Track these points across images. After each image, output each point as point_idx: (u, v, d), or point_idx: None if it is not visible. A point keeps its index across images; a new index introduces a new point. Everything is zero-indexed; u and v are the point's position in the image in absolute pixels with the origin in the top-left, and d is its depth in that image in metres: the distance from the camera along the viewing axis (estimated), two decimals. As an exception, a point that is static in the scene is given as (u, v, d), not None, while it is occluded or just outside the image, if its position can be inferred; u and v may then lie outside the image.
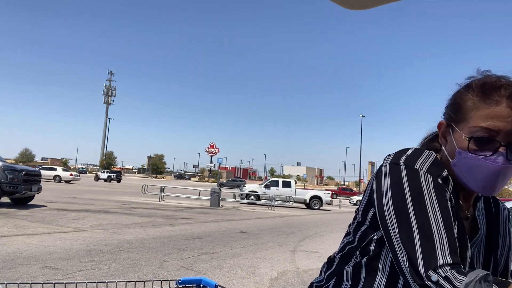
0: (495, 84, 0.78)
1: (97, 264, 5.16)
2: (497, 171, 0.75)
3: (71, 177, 33.49)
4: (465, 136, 0.78)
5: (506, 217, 0.94)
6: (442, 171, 0.80)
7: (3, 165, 10.67)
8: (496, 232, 0.91)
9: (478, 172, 0.77)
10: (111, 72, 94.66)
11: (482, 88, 0.79)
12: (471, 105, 0.79)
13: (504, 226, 0.93)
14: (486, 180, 0.77)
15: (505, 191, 46.36)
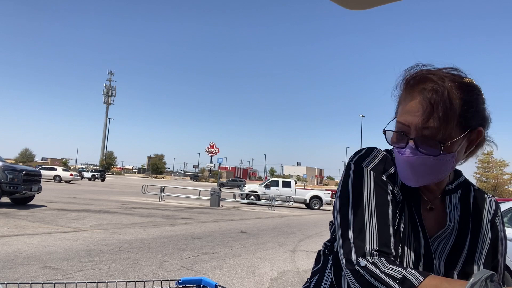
0: (413, 79, 0.79)
1: (97, 264, 5.16)
2: (405, 162, 0.78)
3: (71, 177, 33.49)
4: (384, 129, 0.83)
5: (491, 214, 0.89)
6: (389, 167, 0.85)
7: (3, 165, 10.68)
8: (469, 227, 0.87)
9: (398, 164, 0.82)
10: (111, 72, 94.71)
11: (405, 83, 0.82)
12: (399, 100, 0.83)
13: (487, 223, 0.89)
14: (403, 171, 0.81)
15: (505, 191, 46.41)
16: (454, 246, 0.85)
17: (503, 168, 47.95)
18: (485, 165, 49.33)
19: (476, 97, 0.78)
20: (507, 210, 4.93)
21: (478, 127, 0.79)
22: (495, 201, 0.93)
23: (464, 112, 0.76)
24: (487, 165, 49.14)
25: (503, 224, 0.92)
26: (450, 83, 0.76)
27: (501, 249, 0.90)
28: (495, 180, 47.41)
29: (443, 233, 0.86)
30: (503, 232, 0.91)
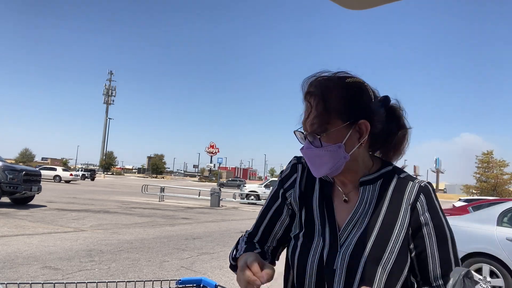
0: (304, 85, 0.93)
1: (97, 264, 5.16)
2: (305, 156, 0.92)
3: (71, 177, 33.49)
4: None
5: (411, 199, 0.89)
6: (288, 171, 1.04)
7: (3, 165, 10.68)
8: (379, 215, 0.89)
9: (305, 158, 0.94)
10: (111, 72, 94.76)
11: (301, 85, 0.94)
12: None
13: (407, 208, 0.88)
14: (309, 164, 0.93)
15: (505, 191, 46.40)
16: (364, 232, 0.88)
17: (503, 168, 47.92)
18: (485, 165, 49.30)
19: (357, 94, 0.90)
20: (507, 210, 4.93)
21: (361, 119, 0.88)
22: (424, 185, 0.91)
23: (343, 107, 0.88)
24: (487, 165, 49.10)
25: (430, 209, 0.89)
26: (330, 84, 0.90)
27: (427, 233, 0.87)
28: (495, 180, 47.37)
29: (349, 223, 0.91)
30: (428, 217, 0.88)
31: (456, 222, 5.34)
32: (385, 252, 0.85)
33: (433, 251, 0.87)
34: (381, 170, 0.94)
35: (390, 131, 0.95)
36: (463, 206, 11.51)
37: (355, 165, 0.92)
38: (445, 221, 0.90)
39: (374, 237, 0.87)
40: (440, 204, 0.92)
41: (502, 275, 4.53)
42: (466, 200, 20.76)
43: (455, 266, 0.87)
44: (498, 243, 4.61)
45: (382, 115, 0.92)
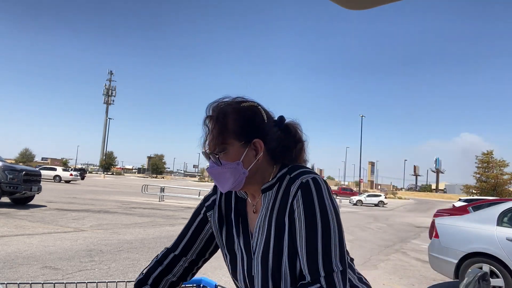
0: (206, 111, 1.03)
1: (97, 264, 5.17)
2: (210, 175, 1.02)
3: (71, 177, 33.47)
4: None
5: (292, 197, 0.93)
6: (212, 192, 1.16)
7: (3, 165, 10.67)
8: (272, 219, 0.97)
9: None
10: (111, 72, 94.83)
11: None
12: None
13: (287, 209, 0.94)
14: (215, 181, 1.02)
15: (505, 191, 46.38)
16: (266, 238, 0.97)
17: (503, 168, 47.93)
18: (485, 165, 49.30)
19: (251, 116, 1.00)
20: (507, 210, 4.93)
21: (255, 139, 0.98)
22: (305, 181, 0.92)
23: (239, 129, 0.98)
24: (487, 165, 49.10)
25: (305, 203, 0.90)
26: (228, 108, 1.00)
27: (298, 227, 0.90)
28: (495, 180, 47.37)
29: (256, 231, 1.01)
30: (302, 211, 0.90)
31: (456, 222, 5.35)
32: (283, 252, 0.94)
33: (302, 244, 0.89)
34: (278, 174, 1.01)
35: (288, 146, 1.05)
36: (463, 206, 11.50)
37: (257, 178, 1.01)
38: (319, 214, 0.89)
39: (272, 242, 0.95)
40: (321, 197, 0.91)
41: (502, 275, 4.53)
42: (466, 200, 20.75)
43: (324, 262, 0.86)
44: (498, 243, 4.61)
45: (276, 133, 1.03)
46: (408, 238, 11.85)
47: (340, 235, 0.90)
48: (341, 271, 0.87)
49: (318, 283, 0.85)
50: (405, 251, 8.97)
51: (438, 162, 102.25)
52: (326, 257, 0.87)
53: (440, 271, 5.24)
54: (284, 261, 0.93)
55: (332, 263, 0.86)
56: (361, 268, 6.50)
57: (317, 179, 0.93)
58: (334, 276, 0.86)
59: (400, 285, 5.57)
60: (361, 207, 34.74)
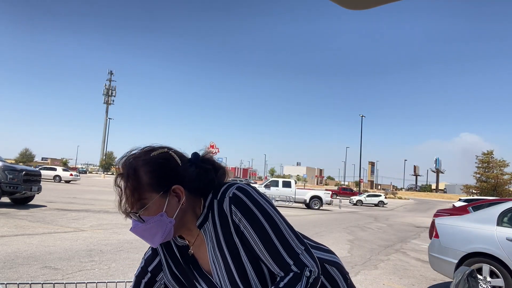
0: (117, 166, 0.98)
1: (97, 264, 5.16)
2: (135, 234, 0.96)
3: (71, 177, 33.46)
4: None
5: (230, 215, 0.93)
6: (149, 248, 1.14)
7: (3, 165, 10.67)
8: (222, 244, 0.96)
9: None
10: (111, 72, 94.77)
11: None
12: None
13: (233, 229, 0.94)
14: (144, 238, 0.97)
15: (505, 191, 46.38)
16: (227, 272, 0.95)
17: (503, 168, 47.94)
18: (485, 165, 49.30)
19: (164, 164, 0.95)
20: (507, 210, 4.93)
21: (173, 185, 0.94)
22: (232, 195, 0.93)
23: (154, 180, 0.92)
24: (487, 165, 49.11)
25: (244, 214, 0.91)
26: (138, 162, 0.94)
27: (250, 237, 0.91)
28: (495, 180, 47.37)
29: (212, 266, 0.98)
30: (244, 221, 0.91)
31: (456, 222, 5.34)
32: (246, 269, 0.94)
33: (262, 250, 0.91)
34: (206, 204, 0.98)
35: (211, 178, 1.00)
36: (463, 206, 11.49)
37: (187, 219, 0.98)
38: (260, 215, 0.91)
39: (231, 263, 0.94)
40: (253, 200, 0.93)
41: (502, 275, 4.53)
42: (466, 200, 20.73)
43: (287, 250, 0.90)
44: (498, 243, 4.61)
45: (193, 172, 0.98)
46: (408, 238, 11.85)
47: (286, 222, 0.94)
48: (304, 249, 0.92)
49: (291, 272, 0.89)
50: (405, 251, 8.97)
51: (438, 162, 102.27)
52: (287, 247, 0.91)
53: (440, 271, 5.24)
54: (251, 276, 0.94)
55: (294, 248, 0.91)
56: (361, 268, 6.51)
57: (241, 186, 0.96)
58: (301, 257, 0.90)
59: (400, 285, 5.57)
60: (361, 207, 34.73)
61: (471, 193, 48.41)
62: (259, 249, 0.91)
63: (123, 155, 0.98)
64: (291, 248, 0.91)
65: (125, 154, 0.98)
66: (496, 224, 4.79)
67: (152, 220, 0.93)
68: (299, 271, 0.89)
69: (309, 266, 0.90)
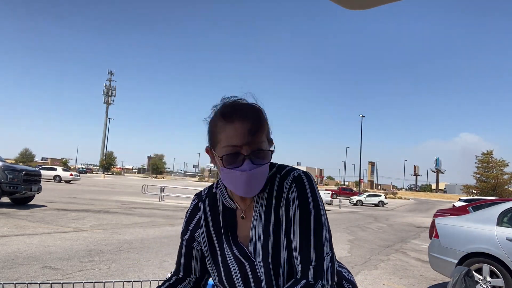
0: (229, 107, 0.97)
1: (97, 264, 5.16)
2: (247, 177, 0.93)
3: (71, 177, 33.46)
4: (219, 156, 0.96)
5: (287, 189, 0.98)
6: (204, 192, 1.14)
7: (3, 165, 10.67)
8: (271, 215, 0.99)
9: (236, 181, 0.95)
10: (111, 72, 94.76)
11: (222, 113, 0.97)
12: (219, 129, 0.97)
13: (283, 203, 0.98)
14: (243, 186, 0.94)
15: (505, 191, 46.39)
16: (264, 238, 0.98)
17: (503, 168, 47.95)
18: (485, 165, 49.31)
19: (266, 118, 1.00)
20: (507, 210, 4.93)
21: (271, 140, 1.01)
22: (297, 175, 0.99)
23: (267, 128, 0.98)
24: (487, 165, 49.11)
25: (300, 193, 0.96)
26: (256, 107, 0.98)
27: (293, 219, 0.95)
28: (495, 180, 47.38)
29: (252, 234, 1.00)
30: (296, 202, 0.96)
31: (456, 222, 5.34)
32: (281, 247, 0.96)
33: (295, 233, 0.95)
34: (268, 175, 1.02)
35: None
36: (463, 206, 11.50)
37: None
38: (312, 204, 0.96)
39: (271, 241, 0.97)
40: (312, 189, 0.98)
41: (502, 275, 4.53)
42: (466, 200, 20.76)
43: (316, 251, 0.92)
44: (498, 243, 4.61)
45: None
46: (408, 238, 11.85)
47: (328, 223, 0.97)
48: (331, 256, 0.94)
49: (304, 280, 0.90)
50: (405, 251, 8.97)
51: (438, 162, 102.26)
52: (318, 245, 0.93)
53: (440, 271, 5.24)
54: (283, 258, 0.96)
55: (323, 250, 0.93)
56: (361, 268, 6.51)
57: (307, 173, 1.01)
58: (324, 264, 0.92)
59: (400, 285, 5.57)
60: (361, 207, 34.73)
61: (471, 193, 48.42)
62: (294, 232, 0.95)
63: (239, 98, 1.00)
64: (321, 249, 0.93)
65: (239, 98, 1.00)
66: (496, 224, 4.79)
67: (266, 165, 0.96)
68: (312, 282, 0.90)
69: (324, 279, 0.90)
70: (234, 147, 0.93)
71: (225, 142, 0.95)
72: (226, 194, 1.07)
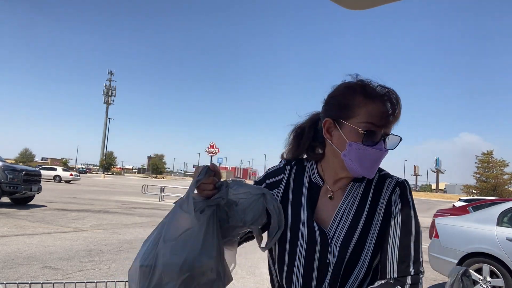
0: (374, 87, 0.97)
1: (97, 264, 5.16)
2: (378, 156, 0.95)
3: (71, 177, 33.46)
4: (361, 130, 0.93)
5: (388, 193, 0.99)
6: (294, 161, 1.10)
7: (3, 165, 10.67)
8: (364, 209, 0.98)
9: (367, 159, 0.94)
10: (111, 72, 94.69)
11: (365, 90, 0.96)
12: (358, 104, 0.95)
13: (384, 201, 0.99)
14: (371, 164, 0.95)
15: (505, 191, 46.39)
16: (350, 227, 0.96)
17: (503, 168, 47.96)
18: (485, 165, 49.32)
19: None
20: (507, 210, 4.93)
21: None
22: (401, 181, 1.01)
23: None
24: (487, 165, 49.12)
25: (402, 200, 0.98)
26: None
27: (394, 223, 0.96)
28: (495, 180, 47.38)
29: (335, 218, 0.98)
30: (399, 207, 0.97)
31: (456, 222, 5.34)
32: (366, 243, 0.95)
33: (395, 243, 0.94)
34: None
35: None
36: (463, 206, 11.50)
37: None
38: (413, 216, 0.97)
39: (358, 231, 0.95)
40: (413, 200, 0.99)
41: (502, 275, 4.53)
42: (466, 200, 20.76)
43: (414, 262, 0.92)
44: (498, 243, 4.61)
45: None
46: (408, 238, 11.83)
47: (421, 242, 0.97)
48: (422, 273, 0.93)
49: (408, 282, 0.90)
50: (405, 251, 8.96)
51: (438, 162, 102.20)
52: (416, 259, 0.92)
53: (440, 271, 5.24)
54: (366, 252, 0.94)
55: (420, 264, 0.93)
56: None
57: (409, 183, 1.02)
58: (420, 277, 0.92)
59: (400, 285, 5.56)
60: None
61: (471, 193, 48.42)
62: (392, 237, 0.94)
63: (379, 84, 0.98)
64: (418, 263, 0.93)
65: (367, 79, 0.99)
66: (496, 224, 4.79)
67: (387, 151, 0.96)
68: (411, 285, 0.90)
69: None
70: (373, 125, 0.93)
71: (364, 118, 0.94)
72: (315, 169, 1.06)
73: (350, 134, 0.95)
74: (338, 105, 0.99)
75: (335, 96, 1.02)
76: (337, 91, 1.02)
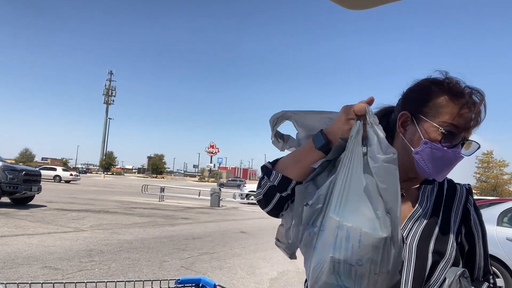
0: (461, 87, 0.92)
1: (97, 264, 5.16)
2: (454, 160, 0.90)
3: (71, 177, 33.47)
4: (441, 128, 0.89)
5: (463, 200, 1.01)
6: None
7: (3, 165, 10.67)
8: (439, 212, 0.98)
9: (440, 160, 0.90)
10: (111, 72, 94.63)
11: (452, 90, 0.91)
12: (442, 102, 0.91)
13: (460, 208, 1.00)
14: (444, 168, 0.91)
15: (505, 191, 46.38)
16: (426, 227, 0.94)
17: (503, 168, 47.93)
18: (485, 165, 49.33)
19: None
20: (507, 210, 4.93)
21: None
22: (467, 188, 1.03)
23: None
24: (487, 165, 49.12)
25: (476, 209, 1.02)
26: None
27: (476, 231, 0.99)
28: (495, 180, 47.38)
29: (411, 218, 0.95)
30: (476, 216, 1.00)
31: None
32: (447, 247, 0.92)
33: (480, 248, 0.99)
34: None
35: None
36: (463, 206, 11.50)
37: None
38: (483, 222, 1.03)
39: (436, 233, 0.93)
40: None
41: (502, 275, 4.53)
42: (466, 200, 20.75)
43: (487, 263, 1.01)
44: (498, 243, 4.61)
45: None
46: (408, 238, 11.85)
47: None
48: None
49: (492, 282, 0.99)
50: (405, 251, 8.96)
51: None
52: (488, 261, 1.01)
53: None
54: (449, 258, 0.92)
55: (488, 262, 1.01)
56: (361, 268, 6.50)
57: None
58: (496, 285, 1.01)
59: (400, 285, 5.56)
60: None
61: (471, 193, 48.39)
62: (478, 244, 0.99)
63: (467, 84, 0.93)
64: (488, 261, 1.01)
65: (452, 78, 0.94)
66: (496, 224, 4.79)
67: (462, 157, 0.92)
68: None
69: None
70: (455, 127, 0.89)
71: (446, 118, 0.89)
72: None
73: (427, 132, 0.90)
74: (419, 100, 0.94)
75: (417, 91, 0.97)
76: (420, 85, 0.97)
